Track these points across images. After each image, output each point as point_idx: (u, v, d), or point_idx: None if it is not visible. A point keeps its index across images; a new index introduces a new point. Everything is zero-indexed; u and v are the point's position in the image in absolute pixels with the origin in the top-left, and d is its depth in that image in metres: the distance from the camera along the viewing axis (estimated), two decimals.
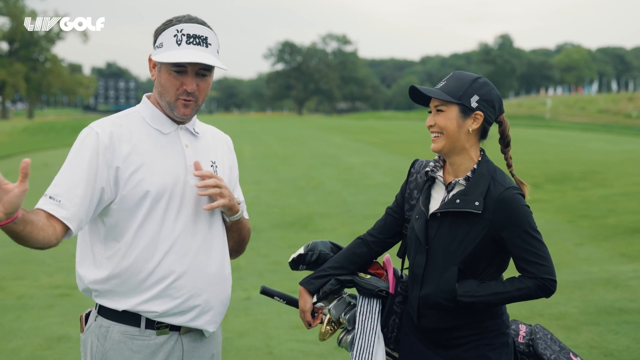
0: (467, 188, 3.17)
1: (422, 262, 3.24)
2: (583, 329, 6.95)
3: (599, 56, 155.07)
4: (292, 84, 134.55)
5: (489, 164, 3.24)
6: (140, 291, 3.04)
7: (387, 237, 3.54)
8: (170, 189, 3.05)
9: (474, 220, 3.12)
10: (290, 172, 22.85)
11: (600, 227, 12.86)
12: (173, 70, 3.04)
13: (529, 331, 3.41)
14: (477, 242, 3.12)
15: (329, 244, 3.64)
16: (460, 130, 3.20)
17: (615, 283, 8.79)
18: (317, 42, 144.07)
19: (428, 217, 3.24)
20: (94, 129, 3.03)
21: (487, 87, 3.22)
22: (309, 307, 3.51)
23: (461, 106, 3.19)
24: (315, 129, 54.37)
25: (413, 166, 3.55)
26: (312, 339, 7.19)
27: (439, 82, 3.28)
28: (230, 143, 3.46)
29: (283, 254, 11.09)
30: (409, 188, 3.49)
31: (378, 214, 14.12)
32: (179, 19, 3.08)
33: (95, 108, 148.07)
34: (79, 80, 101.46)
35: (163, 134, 3.13)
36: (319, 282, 3.49)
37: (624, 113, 65.25)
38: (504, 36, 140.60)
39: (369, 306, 3.41)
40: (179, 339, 3.13)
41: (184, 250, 3.07)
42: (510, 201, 3.11)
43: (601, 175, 19.51)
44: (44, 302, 8.69)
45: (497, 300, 3.12)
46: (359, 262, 3.52)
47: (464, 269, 3.16)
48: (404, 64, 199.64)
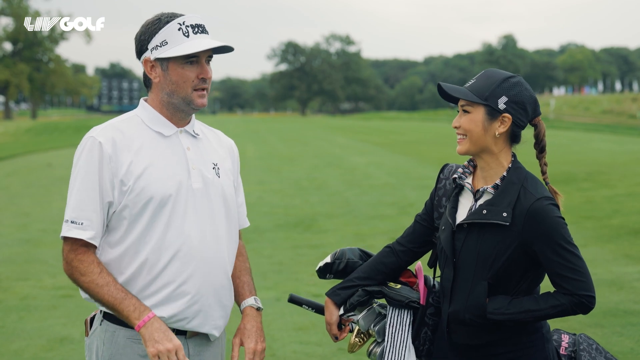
0: (495, 197, 2.99)
1: (450, 275, 3.08)
2: (587, 331, 6.87)
3: (602, 56, 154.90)
4: (296, 85, 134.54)
5: (520, 171, 3.04)
6: (146, 297, 3.01)
7: (416, 246, 3.38)
8: (174, 194, 3.03)
9: (503, 232, 2.94)
10: (294, 172, 22.83)
11: (605, 228, 12.80)
12: (187, 63, 3.02)
13: (572, 342, 3.20)
14: (506, 256, 2.95)
15: (358, 251, 3.46)
16: (486, 133, 3.01)
17: (620, 284, 8.74)
18: (321, 43, 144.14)
19: (454, 228, 3.07)
20: (96, 138, 3.01)
21: (518, 87, 3.01)
22: (335, 319, 3.37)
23: (487, 107, 3.00)
24: (318, 129, 54.37)
25: (442, 171, 3.35)
26: (315, 341, 7.17)
27: (469, 80, 3.09)
28: (234, 148, 3.42)
29: (287, 254, 11.08)
30: (437, 195, 3.31)
31: (382, 215, 14.07)
32: (169, 16, 3.04)
33: (99, 108, 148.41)
34: (82, 80, 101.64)
35: (164, 136, 3.10)
36: (345, 293, 3.35)
37: (628, 113, 65.13)
38: (507, 36, 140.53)
39: (400, 317, 3.26)
40: (185, 342, 3.10)
41: (190, 255, 3.04)
42: (542, 212, 2.92)
43: (606, 176, 19.44)
44: (47, 303, 8.67)
45: (530, 318, 2.94)
46: (388, 272, 3.35)
47: (494, 284, 2.99)
48: (407, 64, 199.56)
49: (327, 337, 7.23)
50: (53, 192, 18.62)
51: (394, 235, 12.48)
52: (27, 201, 17.39)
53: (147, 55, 3.06)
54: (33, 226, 13.95)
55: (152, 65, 3.07)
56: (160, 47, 3.02)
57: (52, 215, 14.88)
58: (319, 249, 11.53)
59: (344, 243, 11.89)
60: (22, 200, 17.67)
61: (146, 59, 3.06)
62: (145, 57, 3.06)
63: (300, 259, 10.79)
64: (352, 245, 3.65)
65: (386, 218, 14.34)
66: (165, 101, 3.10)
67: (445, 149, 31.32)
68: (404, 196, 17.25)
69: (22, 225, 14.13)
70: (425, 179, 20.17)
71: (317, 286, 8.99)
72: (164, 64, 3.04)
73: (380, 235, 12.51)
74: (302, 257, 10.99)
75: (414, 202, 16.23)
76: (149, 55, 3.05)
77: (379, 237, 12.38)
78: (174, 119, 3.13)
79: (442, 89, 3.08)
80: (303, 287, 9.05)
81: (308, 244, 12.08)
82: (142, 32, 3.07)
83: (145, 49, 3.06)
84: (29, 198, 17.91)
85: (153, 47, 3.04)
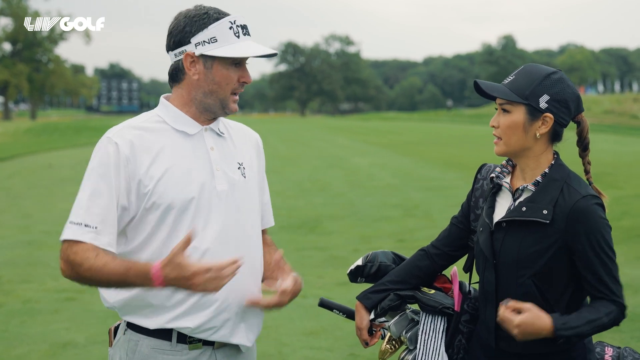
0: (536, 194, 2.83)
1: (492, 278, 2.90)
2: (606, 335, 6.66)
3: (602, 57, 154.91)
4: (295, 85, 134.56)
5: (563, 168, 2.89)
6: (170, 307, 2.85)
7: (452, 249, 3.23)
8: (196, 198, 2.86)
9: (544, 230, 2.77)
10: (296, 174, 22.64)
11: (615, 229, 12.33)
12: (232, 65, 2.89)
13: (617, 355, 3.02)
14: (548, 257, 2.77)
15: (391, 254, 3.33)
16: (526, 134, 2.84)
17: (635, 288, 8.61)
18: (320, 43, 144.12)
19: (492, 229, 2.91)
20: (112, 139, 2.83)
21: (560, 84, 2.83)
22: (365, 324, 3.22)
23: (529, 107, 2.82)
24: (319, 130, 54.25)
25: (480, 172, 3.18)
26: (326, 346, 7.03)
27: (508, 76, 2.91)
28: (259, 142, 3.25)
29: (291, 256, 10.92)
30: (474, 196, 3.15)
31: (387, 216, 13.94)
32: (217, 12, 2.89)
33: (98, 109, 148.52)
34: (82, 81, 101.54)
35: (189, 135, 2.93)
36: (377, 297, 3.20)
37: (630, 114, 65.14)
38: (507, 37, 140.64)
39: (433, 324, 3.10)
40: (212, 353, 2.94)
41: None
42: (587, 211, 2.75)
43: (612, 177, 19.35)
44: (50, 307, 8.53)
45: (592, 330, 2.73)
46: (422, 276, 3.21)
47: (540, 287, 2.81)
48: (407, 64, 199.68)
49: (339, 342, 7.11)
50: (55, 193, 18.46)
51: (400, 237, 12.41)
52: (29, 202, 17.23)
53: (190, 50, 2.88)
54: (35, 228, 13.78)
55: (193, 60, 2.88)
56: (208, 43, 2.85)
57: (55, 216, 14.72)
58: (325, 251, 11.40)
59: (349, 245, 11.78)
60: (23, 201, 17.50)
61: (188, 53, 2.88)
62: (187, 51, 2.88)
63: (305, 261, 10.64)
64: (359, 247, 3.52)
65: (391, 220, 14.19)
66: (197, 100, 2.93)
67: (448, 149, 31.27)
68: (409, 198, 17.10)
69: (24, 227, 13.98)
70: (429, 180, 20.05)
71: (324, 289, 8.88)
72: (208, 62, 2.88)
73: (386, 238, 12.38)
74: (307, 259, 10.85)
75: (418, 203, 16.10)
76: (192, 49, 2.87)
77: (384, 239, 12.23)
78: (200, 119, 2.97)
79: (479, 86, 2.90)
80: (310, 290, 8.88)
81: (313, 246, 11.94)
82: (185, 24, 2.88)
83: (187, 42, 2.88)
84: (31, 199, 17.75)
85: (199, 42, 2.86)
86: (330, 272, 9.93)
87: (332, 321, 7.47)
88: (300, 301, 8.05)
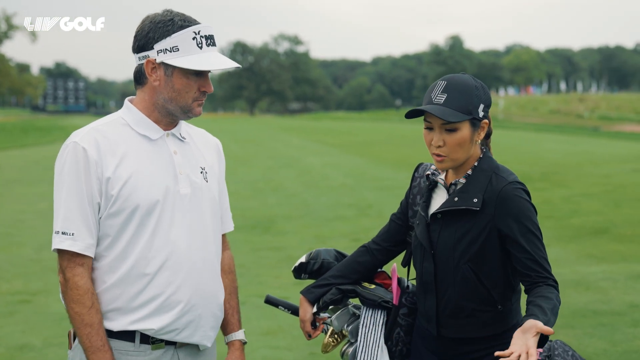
0: (466, 185, 3.00)
1: (431, 268, 3.05)
2: (560, 332, 6.86)
3: (547, 57, 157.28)
4: (244, 84, 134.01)
5: (491, 160, 3.04)
6: (134, 309, 2.86)
7: (391, 245, 3.39)
8: (161, 201, 2.88)
9: (475, 217, 2.94)
10: (249, 174, 22.57)
11: (565, 228, 12.89)
12: (192, 74, 2.89)
13: (547, 347, 3.06)
14: (481, 241, 2.93)
15: (334, 252, 3.50)
16: (471, 145, 2.98)
17: (586, 285, 8.77)
18: (269, 43, 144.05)
19: (428, 221, 3.07)
20: (79, 144, 2.82)
21: (484, 90, 3.00)
22: (308, 317, 3.37)
23: (472, 120, 2.95)
24: (270, 130, 54.21)
25: (417, 170, 3.34)
26: (284, 345, 7.05)
27: (433, 92, 2.96)
28: (220, 147, 3.29)
29: (247, 257, 10.90)
30: (412, 193, 3.30)
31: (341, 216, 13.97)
32: (182, 19, 2.88)
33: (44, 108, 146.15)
34: (27, 80, 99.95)
35: (151, 140, 2.93)
36: (319, 291, 3.36)
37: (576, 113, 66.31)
38: (454, 37, 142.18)
39: (373, 318, 3.26)
40: (174, 352, 2.97)
41: (178, 264, 2.90)
42: (513, 195, 2.91)
43: (561, 176, 19.65)
44: (3, 310, 8.39)
45: (555, 317, 2.76)
46: (363, 271, 3.37)
47: (476, 271, 2.96)
48: (356, 64, 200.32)
49: (297, 341, 7.13)
50: (3, 194, 18.08)
51: (354, 237, 12.46)
52: None
53: (152, 56, 2.87)
54: None
55: (154, 67, 2.88)
56: (170, 52, 2.84)
57: (4, 218, 14.49)
58: (280, 252, 11.41)
59: (304, 245, 11.80)
60: None
61: (150, 60, 2.87)
62: (149, 57, 2.87)
63: (261, 262, 10.63)
64: (314, 247, 3.62)
65: (346, 219, 14.26)
66: (159, 104, 2.93)
67: (400, 149, 31.49)
68: (363, 197, 17.20)
69: None
70: (382, 180, 20.18)
71: (281, 289, 8.88)
72: (168, 70, 2.87)
73: (340, 237, 12.44)
74: (263, 259, 10.84)
75: (372, 203, 16.19)
76: (154, 56, 2.86)
77: (339, 239, 12.29)
78: (163, 122, 2.97)
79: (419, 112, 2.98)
80: (266, 290, 8.87)
81: (268, 246, 11.93)
82: (149, 29, 2.87)
83: (149, 48, 2.87)
84: None
85: (161, 50, 2.85)
86: (287, 272, 9.92)
87: (290, 321, 7.48)
88: (257, 301, 8.08)
